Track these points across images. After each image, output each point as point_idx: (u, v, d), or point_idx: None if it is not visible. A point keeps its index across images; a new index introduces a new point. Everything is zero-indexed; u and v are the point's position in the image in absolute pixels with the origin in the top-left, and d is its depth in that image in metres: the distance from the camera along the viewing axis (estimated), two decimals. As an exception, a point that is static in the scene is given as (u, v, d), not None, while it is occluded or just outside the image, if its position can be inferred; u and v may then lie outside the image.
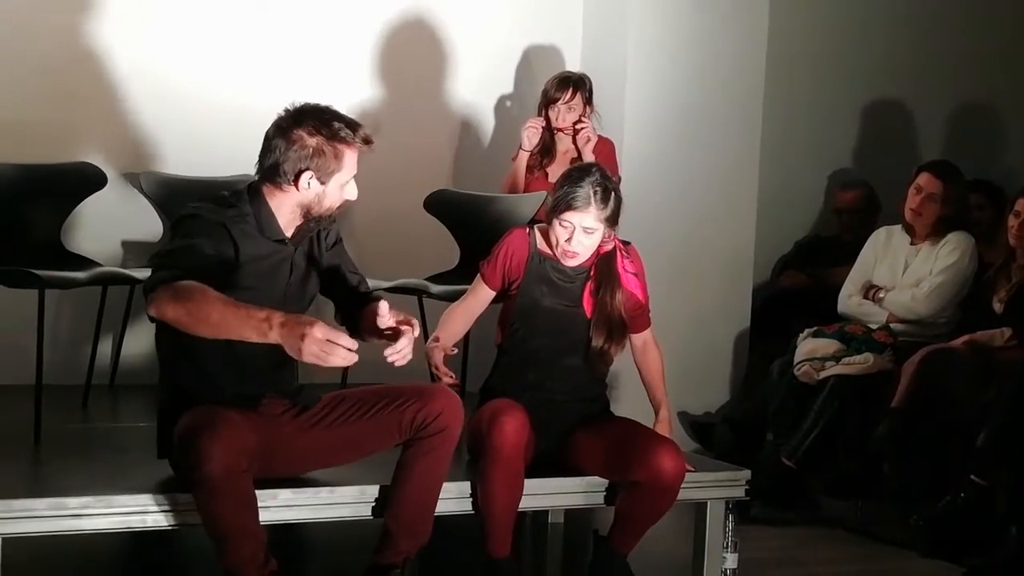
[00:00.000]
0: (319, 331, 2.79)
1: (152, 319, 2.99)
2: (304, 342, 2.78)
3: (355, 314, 3.36)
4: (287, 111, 3.21)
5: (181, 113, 5.10)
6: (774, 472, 4.77)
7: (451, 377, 3.47)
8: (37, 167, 4.61)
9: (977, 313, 4.91)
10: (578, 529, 4.22)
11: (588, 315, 3.62)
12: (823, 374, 4.89)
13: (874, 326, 5.00)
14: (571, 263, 3.57)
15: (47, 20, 4.90)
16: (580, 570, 3.84)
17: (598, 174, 3.53)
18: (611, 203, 3.51)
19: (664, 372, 3.81)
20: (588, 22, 5.69)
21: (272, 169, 3.19)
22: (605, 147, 5.01)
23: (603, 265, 3.62)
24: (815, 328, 5.07)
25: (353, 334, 3.14)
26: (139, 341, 4.87)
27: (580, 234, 3.49)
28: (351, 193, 3.25)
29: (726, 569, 3.91)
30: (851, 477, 4.82)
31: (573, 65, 5.62)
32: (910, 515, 4.51)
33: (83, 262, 4.53)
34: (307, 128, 3.15)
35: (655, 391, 3.81)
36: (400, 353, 3.09)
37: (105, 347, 4.77)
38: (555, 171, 4.76)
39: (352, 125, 3.19)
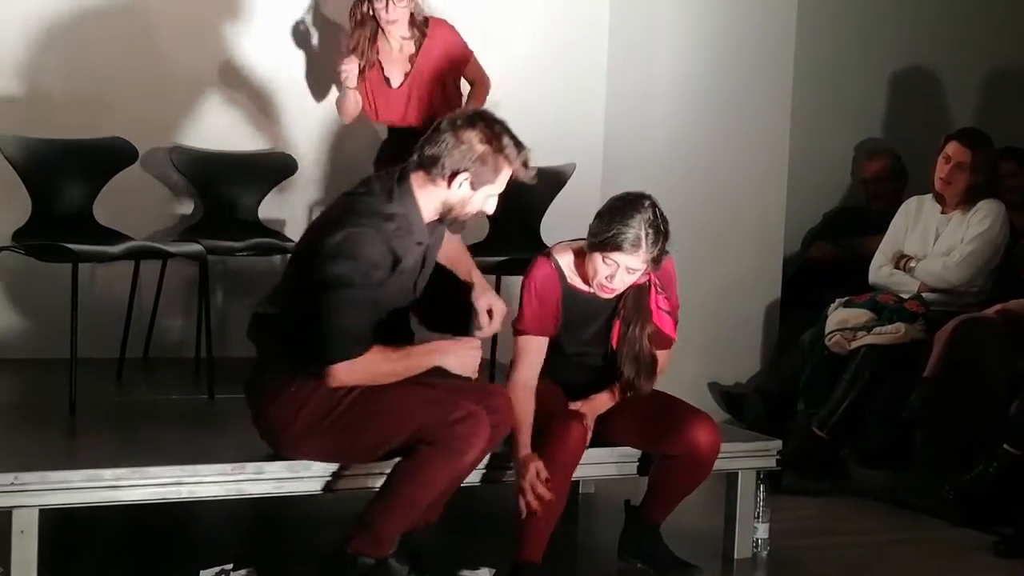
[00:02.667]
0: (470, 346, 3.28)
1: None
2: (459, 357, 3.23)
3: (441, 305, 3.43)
4: (466, 113, 3.30)
5: (212, 88, 5.10)
6: (805, 442, 4.77)
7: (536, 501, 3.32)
8: (69, 142, 4.63)
9: (1009, 282, 4.89)
10: (608, 499, 4.21)
11: (615, 346, 3.52)
12: (854, 344, 4.87)
13: (905, 296, 4.97)
14: (606, 296, 3.44)
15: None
16: (611, 540, 3.83)
17: (651, 211, 3.33)
18: (660, 243, 3.34)
19: (609, 400, 3.61)
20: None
21: (432, 160, 3.20)
22: (442, 30, 4.76)
23: (634, 299, 3.49)
24: (846, 298, 5.04)
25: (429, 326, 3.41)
26: (172, 314, 4.90)
27: (623, 273, 3.35)
28: (491, 207, 3.28)
29: (757, 539, 3.91)
30: (883, 447, 4.82)
31: (602, 35, 5.58)
32: (942, 485, 4.49)
33: (116, 236, 4.54)
34: (479, 134, 3.18)
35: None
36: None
37: (138, 320, 4.78)
38: (391, 69, 4.71)
39: (519, 146, 3.24)
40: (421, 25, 4.69)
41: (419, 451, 3.12)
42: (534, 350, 3.46)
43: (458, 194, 3.21)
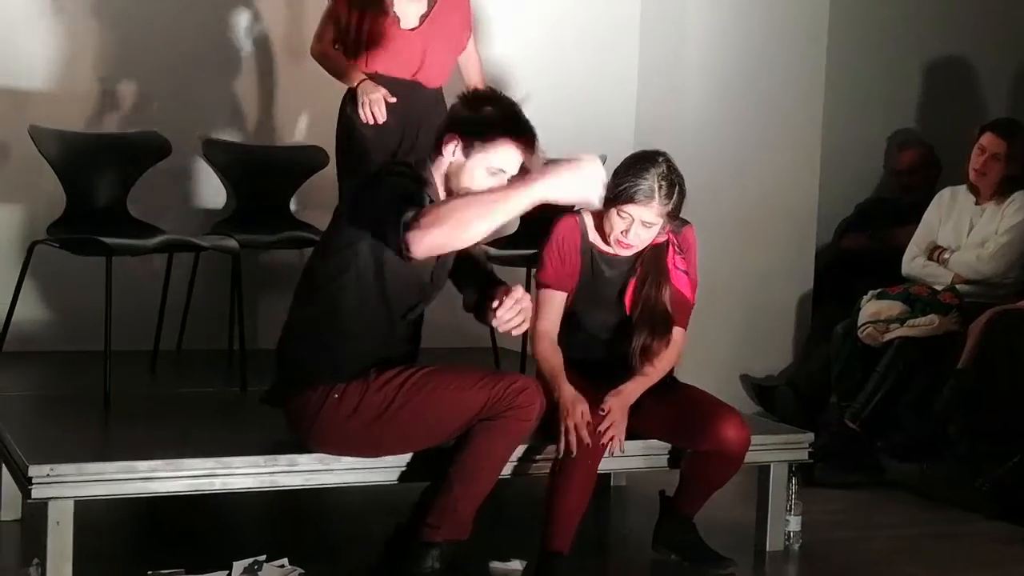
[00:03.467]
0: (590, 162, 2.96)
1: (409, 258, 2.97)
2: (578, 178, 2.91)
3: (480, 300, 3.35)
4: (474, 92, 3.34)
5: (244, 83, 5.13)
6: (838, 435, 4.76)
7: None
8: (104, 136, 4.67)
9: (1045, 273, 4.87)
10: (639, 492, 4.22)
11: (627, 311, 3.52)
12: (887, 336, 4.86)
13: (939, 287, 4.95)
14: (625, 253, 3.48)
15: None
16: (643, 532, 3.83)
17: (664, 165, 3.38)
18: (675, 197, 3.38)
19: (656, 372, 3.55)
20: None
21: (439, 130, 3.23)
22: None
23: (652, 258, 3.50)
24: (879, 290, 5.03)
25: (479, 318, 3.28)
26: (204, 307, 4.92)
27: (638, 227, 3.38)
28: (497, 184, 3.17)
29: (789, 532, 3.91)
30: (916, 440, 4.79)
31: (633, 29, 5.57)
32: (976, 478, 4.48)
33: (149, 229, 4.57)
34: (485, 102, 3.21)
35: (638, 372, 3.55)
36: (503, 320, 3.17)
37: (171, 313, 4.80)
38: (403, 5, 4.27)
39: (523, 123, 3.20)
40: None
41: (486, 428, 3.15)
42: (555, 304, 3.49)
43: (452, 161, 3.19)
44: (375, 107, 4.06)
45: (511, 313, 3.16)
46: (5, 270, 4.54)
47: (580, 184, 2.92)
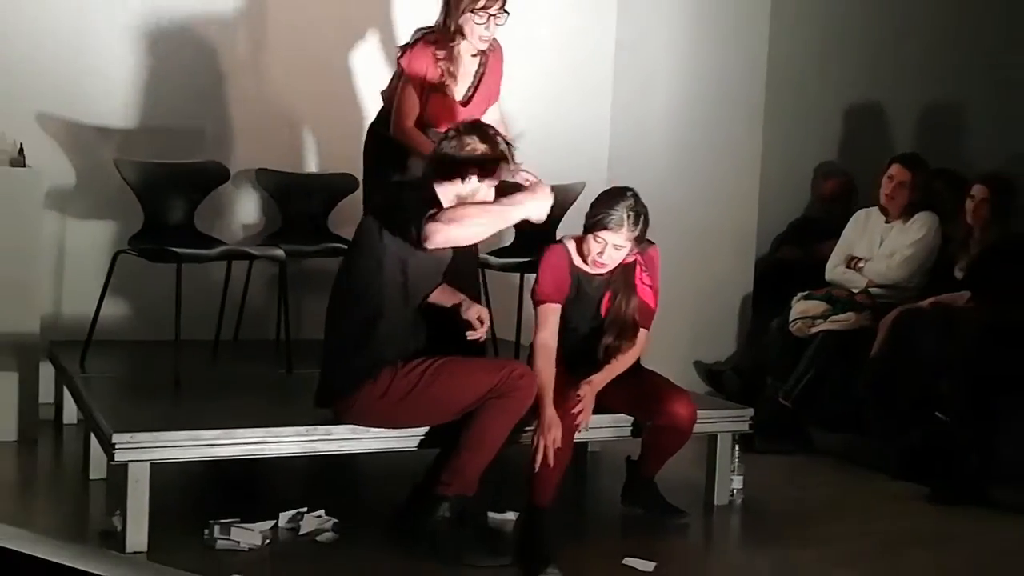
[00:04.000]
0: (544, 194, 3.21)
1: (425, 249, 3.08)
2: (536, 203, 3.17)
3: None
4: (463, 124, 3.34)
5: (291, 120, 5.12)
6: (773, 410, 4.75)
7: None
8: (174, 165, 4.66)
9: (941, 279, 4.85)
10: (610, 457, 4.22)
11: (603, 314, 3.53)
12: (814, 330, 4.86)
13: (856, 290, 4.96)
14: (601, 271, 3.48)
15: (189, 43, 4.92)
16: (614, 490, 3.84)
17: (632, 199, 3.40)
18: (640, 225, 3.40)
19: (621, 365, 3.56)
20: (620, 44, 5.64)
21: (445, 163, 3.24)
22: (501, 52, 4.06)
23: (622, 276, 3.51)
24: (807, 292, 5.03)
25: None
26: (257, 304, 4.92)
27: (611, 249, 3.40)
28: (490, 196, 3.26)
29: (733, 489, 3.92)
30: (837, 415, 4.80)
31: (607, 75, 5.56)
32: (885, 446, 4.50)
33: (212, 241, 4.57)
34: (478, 138, 3.22)
35: (606, 365, 3.55)
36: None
37: (230, 309, 4.80)
38: (458, 82, 3.97)
39: (509, 144, 3.29)
40: (493, 42, 4.02)
41: (494, 404, 3.17)
42: (553, 316, 3.47)
43: (468, 188, 3.23)
44: None
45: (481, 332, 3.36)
46: (94, 275, 4.53)
47: (541, 202, 3.15)
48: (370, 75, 5.19)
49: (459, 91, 3.99)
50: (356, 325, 3.23)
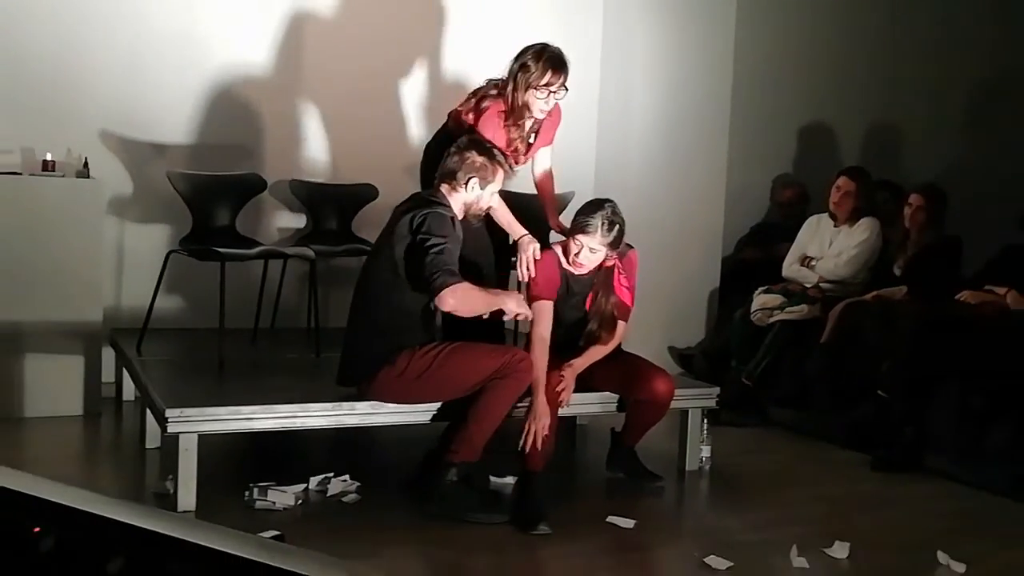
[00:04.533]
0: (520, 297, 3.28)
1: (436, 306, 3.12)
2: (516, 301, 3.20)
3: None
4: (462, 141, 3.31)
5: (322, 137, 5.12)
6: (736, 389, 4.76)
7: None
8: (218, 176, 4.65)
9: (882, 276, 4.87)
10: (596, 430, 4.23)
11: (587, 308, 3.54)
12: (772, 320, 4.87)
13: (808, 285, 4.96)
14: (578, 271, 3.47)
15: (231, 72, 4.91)
16: (600, 458, 3.84)
17: (609, 209, 3.39)
18: (614, 232, 3.38)
19: (598, 352, 3.53)
20: (604, 64, 5.64)
21: (450, 175, 3.26)
22: (559, 112, 3.79)
23: (603, 277, 3.52)
24: (766, 287, 5.04)
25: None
26: (290, 297, 4.92)
27: (586, 251, 3.40)
28: (496, 201, 3.30)
29: (702, 457, 3.92)
30: (791, 393, 4.81)
31: (593, 98, 5.55)
32: (833, 420, 4.50)
33: (251, 242, 4.56)
34: (476, 151, 3.25)
35: (586, 351, 3.54)
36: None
37: (266, 301, 4.80)
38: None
39: (504, 155, 3.30)
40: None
41: (497, 384, 3.17)
42: (548, 311, 3.46)
43: (472, 194, 3.25)
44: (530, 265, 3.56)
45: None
46: (149, 272, 4.53)
47: (519, 303, 3.21)
48: (387, 100, 5.20)
49: (519, 155, 3.73)
50: (378, 316, 3.22)
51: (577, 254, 3.41)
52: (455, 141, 3.41)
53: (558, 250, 3.53)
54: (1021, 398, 4.11)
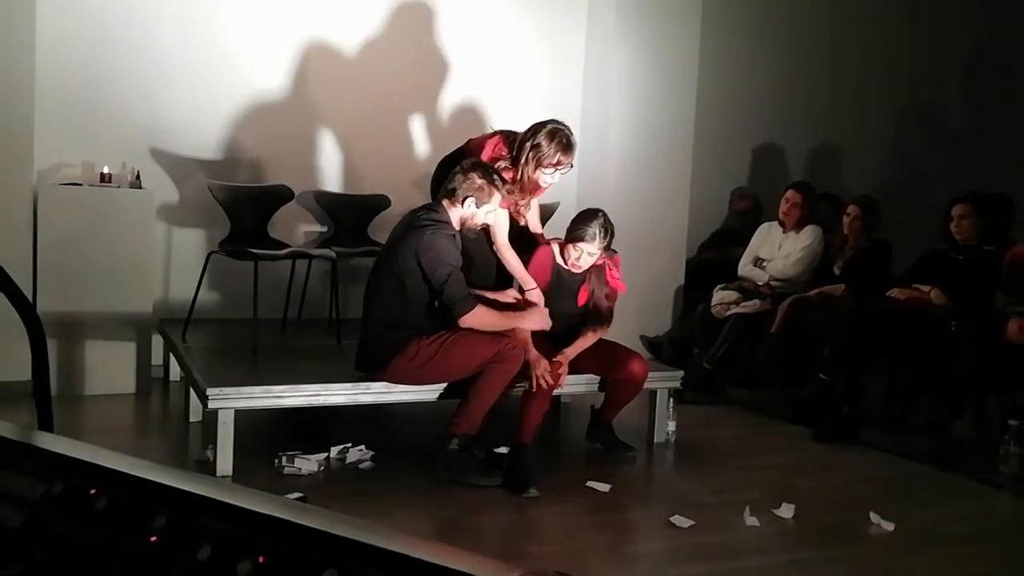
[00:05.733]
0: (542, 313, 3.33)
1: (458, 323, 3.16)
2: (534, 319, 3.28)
3: None
4: (467, 162, 3.29)
5: (342, 152, 5.10)
6: (698, 372, 4.77)
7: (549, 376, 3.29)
8: (252, 187, 4.64)
9: (824, 275, 4.87)
10: (579, 408, 4.23)
11: (580, 304, 3.51)
12: (729, 312, 4.87)
13: (760, 283, 4.96)
14: (576, 271, 3.48)
15: (264, 96, 4.89)
16: (581, 432, 3.84)
17: (603, 217, 3.40)
18: (608, 237, 3.39)
19: (587, 340, 3.50)
20: (586, 89, 5.62)
21: (451, 191, 3.23)
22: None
23: (596, 273, 3.50)
24: (724, 284, 5.04)
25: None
26: (315, 291, 4.91)
27: (585, 256, 3.40)
28: (491, 219, 3.29)
29: (668, 431, 3.92)
30: (746, 375, 4.81)
31: (576, 117, 5.55)
32: (782, 398, 4.50)
33: (280, 245, 4.55)
34: (478, 174, 3.22)
35: (579, 338, 3.52)
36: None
37: (294, 295, 4.79)
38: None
39: (504, 180, 3.28)
40: None
41: (493, 367, 3.17)
42: (537, 296, 3.46)
43: (468, 211, 3.23)
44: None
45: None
46: (193, 270, 4.52)
47: (537, 322, 3.28)
48: (398, 121, 5.18)
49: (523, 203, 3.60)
50: (389, 310, 3.21)
51: (577, 258, 3.41)
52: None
53: (554, 246, 3.53)
54: (941, 380, 4.13)
